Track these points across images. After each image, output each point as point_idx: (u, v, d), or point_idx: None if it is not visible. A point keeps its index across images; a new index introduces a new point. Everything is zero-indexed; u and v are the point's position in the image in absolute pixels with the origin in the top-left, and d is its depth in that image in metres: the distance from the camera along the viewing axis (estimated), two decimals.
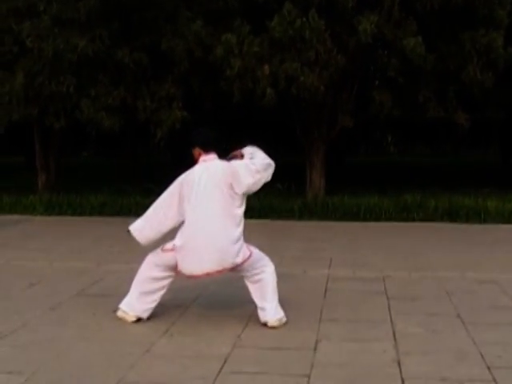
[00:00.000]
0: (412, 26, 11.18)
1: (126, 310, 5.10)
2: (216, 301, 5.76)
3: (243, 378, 3.94)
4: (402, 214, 11.26)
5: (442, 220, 11.06)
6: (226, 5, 11.74)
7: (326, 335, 4.75)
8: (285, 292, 5.39)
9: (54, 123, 12.54)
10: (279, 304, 5.03)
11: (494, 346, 4.47)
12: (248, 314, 5.21)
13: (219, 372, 4.02)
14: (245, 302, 5.36)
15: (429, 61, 11.32)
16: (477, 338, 4.64)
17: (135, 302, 5.08)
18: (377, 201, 11.79)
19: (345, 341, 4.64)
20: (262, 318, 4.98)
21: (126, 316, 5.09)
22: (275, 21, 10.87)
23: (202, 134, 5.20)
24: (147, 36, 12.15)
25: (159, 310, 5.16)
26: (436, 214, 11.21)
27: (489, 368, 4.06)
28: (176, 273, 5.01)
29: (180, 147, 20.52)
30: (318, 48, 10.97)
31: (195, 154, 5.13)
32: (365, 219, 11.19)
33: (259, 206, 11.21)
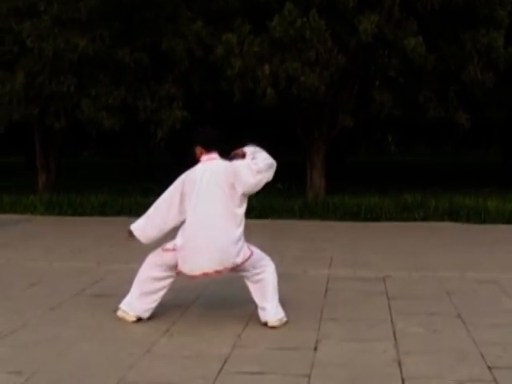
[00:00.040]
0: (413, 25, 11.19)
1: (127, 309, 5.09)
2: (216, 301, 5.76)
3: (243, 377, 3.94)
4: (403, 214, 11.26)
5: (442, 220, 11.06)
6: (226, 5, 11.75)
7: (327, 335, 4.75)
8: (285, 292, 5.39)
9: (54, 123, 12.56)
10: (280, 304, 5.03)
11: (495, 345, 4.47)
12: (248, 314, 5.21)
13: (219, 372, 4.02)
14: (245, 302, 5.36)
15: (429, 61, 11.32)
16: (477, 338, 4.64)
17: (136, 302, 5.07)
18: (377, 201, 11.79)
19: (345, 341, 4.64)
20: (263, 318, 4.97)
21: (126, 316, 5.08)
22: (276, 21, 10.88)
23: (204, 132, 5.17)
24: (148, 36, 12.16)
25: (159, 310, 5.16)
26: (436, 213, 11.20)
27: (489, 368, 4.06)
28: (177, 273, 5.02)
29: (180, 147, 20.54)
30: (319, 48, 10.98)
31: (197, 152, 5.10)
32: (365, 219, 11.19)
33: (260, 206, 11.20)
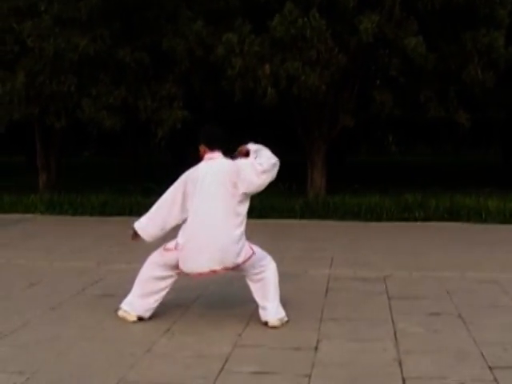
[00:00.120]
0: (413, 25, 11.19)
1: (128, 309, 5.09)
2: (217, 300, 5.76)
3: (244, 377, 3.94)
4: (403, 214, 11.26)
5: (442, 220, 11.05)
6: (226, 4, 11.75)
7: (327, 335, 4.75)
8: (286, 291, 5.39)
9: (54, 123, 12.56)
10: (280, 303, 5.02)
11: (495, 345, 4.47)
12: (249, 314, 5.21)
13: (220, 371, 4.02)
14: (245, 302, 5.36)
15: (430, 60, 11.32)
16: (477, 338, 4.63)
17: (137, 302, 5.06)
18: (378, 200, 11.78)
19: (346, 340, 4.64)
20: (263, 318, 4.97)
21: (127, 316, 5.07)
22: (276, 20, 10.88)
23: (207, 131, 5.17)
24: (148, 36, 12.17)
25: (160, 310, 5.15)
26: (437, 213, 11.20)
27: (490, 368, 4.06)
28: (178, 272, 5.01)
29: (181, 147, 20.57)
30: (319, 47, 10.98)
31: (201, 150, 5.11)
32: (366, 219, 11.19)
33: (260, 206, 11.19)
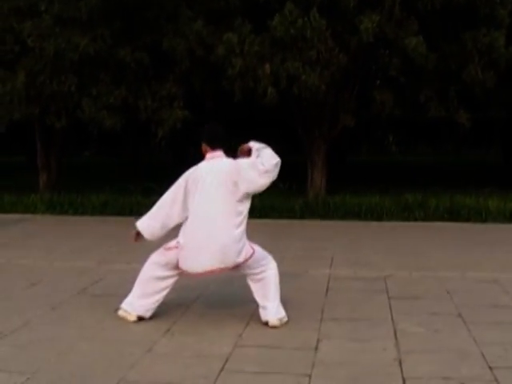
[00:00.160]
0: (413, 25, 11.18)
1: (128, 309, 5.08)
2: (217, 300, 5.76)
3: (244, 377, 3.94)
4: (404, 214, 11.26)
5: (443, 219, 11.05)
6: (227, 4, 11.75)
7: (327, 334, 4.75)
8: (286, 291, 5.39)
9: (55, 122, 12.56)
10: (280, 303, 5.02)
11: (495, 345, 4.47)
12: (249, 313, 5.21)
13: (220, 371, 4.02)
14: (246, 301, 5.36)
15: (430, 60, 11.31)
16: (478, 338, 4.63)
17: (137, 302, 5.06)
18: (378, 200, 11.78)
19: (346, 340, 4.64)
20: (263, 317, 4.97)
21: (127, 316, 5.07)
22: (276, 20, 10.87)
23: (209, 130, 5.16)
24: (148, 35, 12.17)
25: (160, 309, 5.15)
26: (437, 213, 11.20)
27: (490, 368, 4.06)
28: (180, 272, 5.00)
29: (181, 146, 20.58)
30: (320, 47, 10.98)
31: (202, 149, 5.12)
32: (366, 218, 11.19)
33: (260, 206, 11.19)
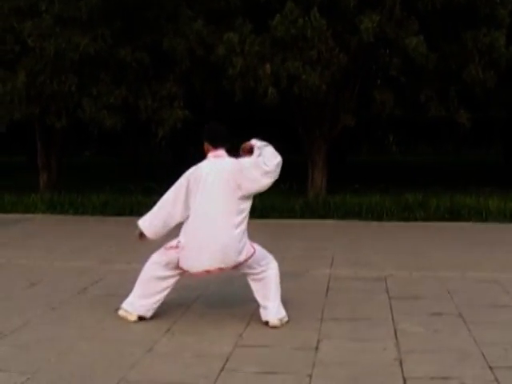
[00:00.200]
0: (414, 25, 11.18)
1: (129, 309, 5.07)
2: (217, 300, 5.75)
3: (245, 377, 3.94)
4: (404, 214, 11.25)
5: (443, 219, 11.03)
6: (227, 4, 11.75)
7: (328, 334, 4.74)
8: (286, 291, 5.38)
9: (55, 122, 12.57)
10: (281, 303, 5.02)
11: (496, 345, 4.46)
12: (249, 313, 5.20)
13: (221, 371, 4.01)
14: (246, 301, 5.36)
15: (431, 60, 11.31)
16: (478, 338, 4.63)
17: (138, 302, 5.05)
18: (378, 200, 11.78)
19: (346, 340, 4.63)
20: (264, 317, 4.97)
21: (127, 316, 5.06)
22: (277, 20, 10.88)
23: (211, 128, 5.16)
24: (149, 35, 12.17)
25: (161, 309, 5.14)
26: (438, 213, 11.19)
27: (490, 368, 4.05)
28: (181, 272, 4.99)
29: (181, 146, 20.59)
30: (320, 47, 10.98)
31: (204, 148, 5.11)
32: (366, 218, 11.18)
33: (261, 206, 11.18)
